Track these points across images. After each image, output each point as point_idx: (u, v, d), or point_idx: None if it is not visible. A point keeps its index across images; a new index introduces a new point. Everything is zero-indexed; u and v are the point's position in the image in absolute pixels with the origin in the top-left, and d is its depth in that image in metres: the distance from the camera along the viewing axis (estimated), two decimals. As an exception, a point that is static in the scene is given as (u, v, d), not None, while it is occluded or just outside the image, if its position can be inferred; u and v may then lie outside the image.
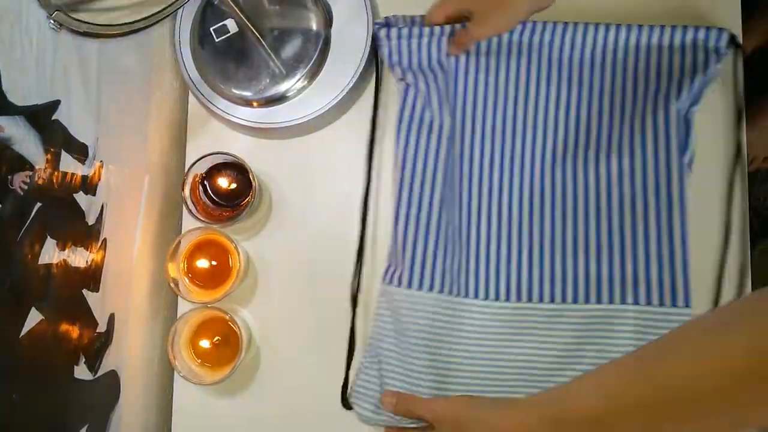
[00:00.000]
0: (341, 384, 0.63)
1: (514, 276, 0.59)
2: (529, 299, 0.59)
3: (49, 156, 0.48)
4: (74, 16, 0.47)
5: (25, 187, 0.45)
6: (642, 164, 0.59)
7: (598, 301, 0.58)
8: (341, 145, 0.67)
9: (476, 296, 0.59)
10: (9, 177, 0.43)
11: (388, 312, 0.61)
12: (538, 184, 0.60)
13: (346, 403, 0.62)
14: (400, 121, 0.63)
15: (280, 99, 0.64)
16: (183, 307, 0.67)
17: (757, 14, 0.68)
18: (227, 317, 0.61)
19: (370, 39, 0.63)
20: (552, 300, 0.59)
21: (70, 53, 0.50)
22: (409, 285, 0.60)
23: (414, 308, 0.60)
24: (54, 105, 0.48)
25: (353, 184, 0.67)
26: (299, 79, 0.63)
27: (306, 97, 0.64)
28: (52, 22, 0.46)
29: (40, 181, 0.46)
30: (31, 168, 0.45)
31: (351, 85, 0.63)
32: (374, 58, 0.64)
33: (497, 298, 0.59)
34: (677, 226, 0.58)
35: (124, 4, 0.54)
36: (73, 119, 0.51)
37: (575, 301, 0.58)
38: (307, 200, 0.67)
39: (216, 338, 0.64)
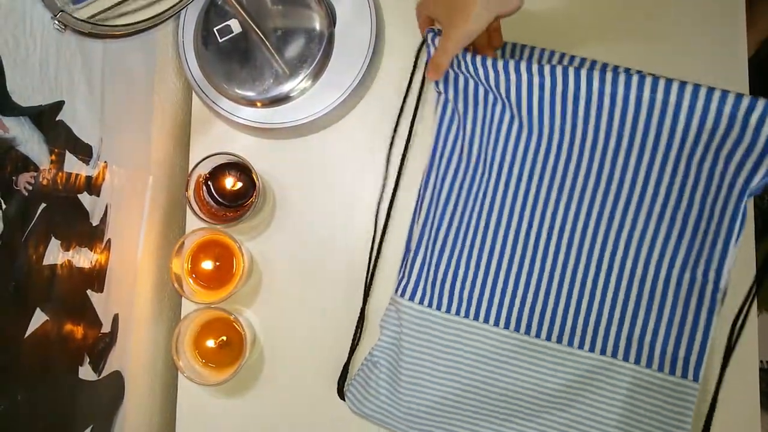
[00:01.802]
0: (339, 373, 0.63)
1: (527, 308, 0.58)
2: (537, 335, 0.58)
3: (53, 157, 0.48)
4: (78, 16, 0.47)
5: (30, 188, 0.45)
6: (686, 237, 0.57)
7: (602, 352, 0.57)
8: (345, 145, 0.67)
9: (485, 321, 0.59)
10: (14, 178, 0.43)
11: (395, 323, 0.60)
12: (570, 225, 0.58)
13: (341, 393, 0.62)
14: (437, 139, 0.62)
15: (283, 99, 0.64)
16: (187, 307, 0.67)
17: (760, 6, 0.68)
18: (231, 318, 0.61)
19: (373, 38, 0.63)
20: (559, 341, 0.58)
21: (74, 54, 0.50)
22: (420, 301, 0.60)
23: (419, 323, 0.59)
24: (58, 105, 0.48)
25: (357, 184, 0.67)
26: (303, 79, 0.63)
27: (310, 97, 0.64)
28: (56, 22, 0.46)
29: (45, 182, 0.46)
30: (36, 169, 0.45)
31: (355, 84, 0.63)
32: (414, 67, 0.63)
33: (506, 327, 0.58)
34: (706, 304, 0.56)
35: (128, 5, 0.54)
36: (78, 120, 0.51)
37: (581, 346, 0.57)
38: (310, 200, 0.67)
39: (220, 339, 0.64)
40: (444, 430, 0.59)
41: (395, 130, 0.65)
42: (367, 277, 0.64)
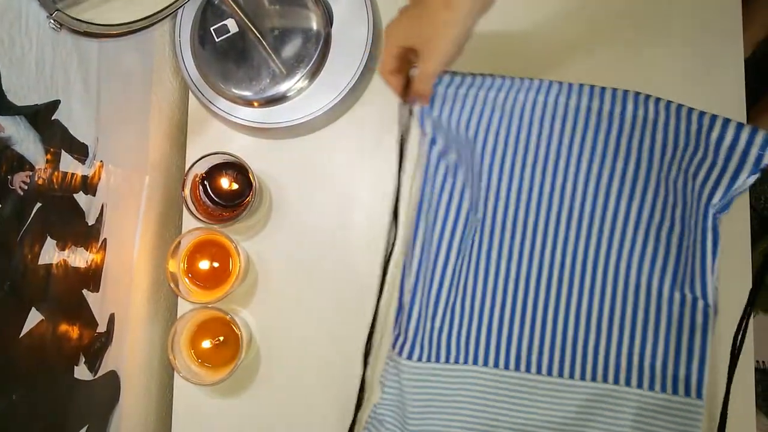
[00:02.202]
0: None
1: (524, 346, 0.58)
2: (538, 371, 0.58)
3: (49, 156, 0.47)
4: (74, 15, 0.47)
5: (25, 187, 0.44)
6: (671, 257, 0.56)
7: (604, 380, 0.57)
8: (342, 145, 0.67)
9: (485, 364, 0.58)
10: (9, 177, 0.43)
11: (395, 378, 0.60)
12: (559, 259, 0.58)
13: None
14: (424, 186, 0.60)
15: (280, 99, 0.64)
16: (183, 307, 0.67)
17: (756, 6, 0.68)
18: (227, 317, 0.61)
19: (371, 38, 0.63)
20: (560, 374, 0.57)
21: (70, 53, 0.50)
22: (418, 358, 0.59)
23: (421, 379, 0.59)
24: (54, 105, 0.48)
25: (353, 184, 0.67)
26: (300, 79, 0.63)
27: (306, 97, 0.64)
28: (52, 21, 0.46)
29: (40, 181, 0.46)
30: (31, 168, 0.45)
31: (351, 84, 0.63)
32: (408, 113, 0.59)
33: (506, 367, 0.58)
34: (699, 321, 0.56)
35: (125, 4, 0.54)
36: (73, 119, 0.51)
37: (582, 377, 0.57)
38: (307, 200, 0.67)
39: (216, 339, 0.64)
40: None
41: (399, 182, 0.61)
42: (367, 344, 0.62)
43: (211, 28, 0.64)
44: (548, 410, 0.57)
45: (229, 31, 0.64)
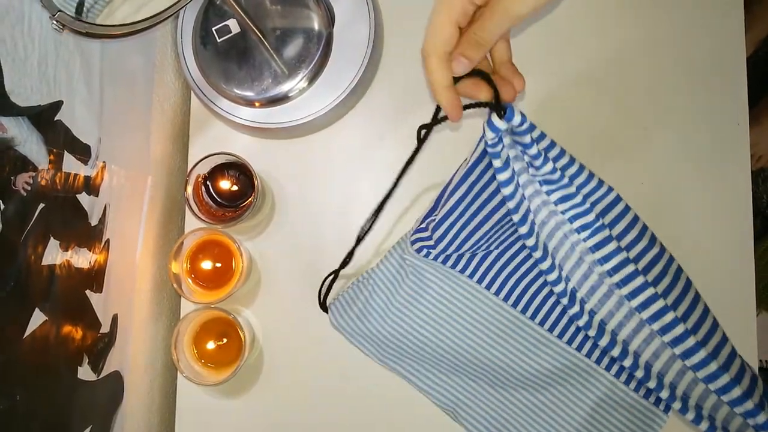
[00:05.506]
0: (319, 288, 0.63)
1: (530, 290, 0.58)
2: (532, 317, 0.58)
3: (52, 157, 0.47)
4: (77, 16, 0.47)
5: (29, 188, 0.44)
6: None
7: (588, 355, 0.57)
8: (344, 145, 0.67)
9: (487, 287, 0.58)
10: (12, 178, 0.43)
11: (397, 259, 0.60)
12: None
13: (324, 306, 0.63)
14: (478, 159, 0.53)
15: (282, 99, 0.64)
16: (186, 307, 0.67)
17: (757, 7, 0.68)
18: (230, 318, 0.61)
19: (372, 39, 0.63)
20: (551, 330, 0.58)
21: (72, 54, 0.50)
22: (425, 255, 0.57)
23: (420, 270, 0.58)
24: (57, 105, 0.48)
25: (355, 184, 0.67)
26: (301, 79, 0.63)
27: (308, 97, 0.64)
28: (54, 22, 0.46)
29: (43, 182, 0.46)
30: (34, 169, 0.45)
31: (353, 85, 0.63)
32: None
33: (506, 300, 0.58)
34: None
35: (126, 5, 0.54)
36: (76, 120, 0.51)
37: (570, 343, 0.57)
38: (309, 200, 0.67)
39: (219, 339, 0.64)
40: (413, 368, 0.61)
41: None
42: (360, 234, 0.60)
43: (213, 29, 0.64)
44: (526, 357, 0.58)
45: (231, 32, 0.64)
